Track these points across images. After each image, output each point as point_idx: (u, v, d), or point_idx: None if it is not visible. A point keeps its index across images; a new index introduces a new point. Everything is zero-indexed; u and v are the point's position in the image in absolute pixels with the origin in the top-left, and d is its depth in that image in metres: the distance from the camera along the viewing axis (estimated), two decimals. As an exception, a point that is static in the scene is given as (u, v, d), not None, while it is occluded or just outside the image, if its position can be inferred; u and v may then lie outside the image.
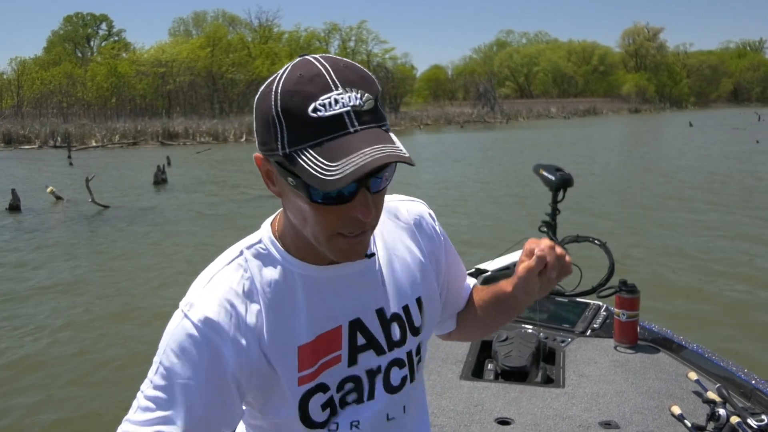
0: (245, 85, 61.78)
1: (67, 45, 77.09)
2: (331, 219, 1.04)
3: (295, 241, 1.16)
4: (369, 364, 1.22)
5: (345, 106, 0.97)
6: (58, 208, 15.55)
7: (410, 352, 1.28)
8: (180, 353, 1.09)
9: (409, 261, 1.30)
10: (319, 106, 0.97)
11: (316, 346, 1.16)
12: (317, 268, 1.17)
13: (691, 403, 2.53)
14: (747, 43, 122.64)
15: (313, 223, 1.05)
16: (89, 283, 8.95)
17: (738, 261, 9.18)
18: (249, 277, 1.15)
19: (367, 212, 1.02)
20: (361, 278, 1.22)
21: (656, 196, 15.01)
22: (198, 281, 1.16)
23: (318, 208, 1.03)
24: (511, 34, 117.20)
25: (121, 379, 5.49)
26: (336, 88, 0.98)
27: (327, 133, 0.97)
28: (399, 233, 1.32)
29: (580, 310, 3.46)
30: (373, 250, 1.25)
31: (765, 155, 24.03)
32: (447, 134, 46.52)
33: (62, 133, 40.08)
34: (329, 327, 1.17)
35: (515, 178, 18.87)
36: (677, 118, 60.41)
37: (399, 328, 1.26)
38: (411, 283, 1.29)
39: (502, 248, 4.22)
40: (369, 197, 1.02)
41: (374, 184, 1.03)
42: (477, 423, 2.43)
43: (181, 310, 1.12)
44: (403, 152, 0.98)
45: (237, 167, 25.18)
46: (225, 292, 1.12)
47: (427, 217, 1.37)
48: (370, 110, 1.00)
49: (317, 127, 0.97)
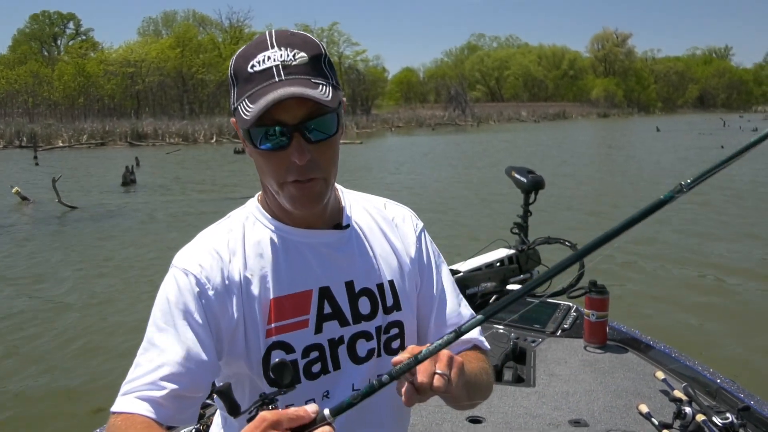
0: (216, 85, 61.30)
1: (34, 44, 75.64)
2: (275, 165, 1.17)
3: (274, 205, 1.28)
4: (332, 333, 1.28)
5: (275, 61, 1.13)
6: (24, 209, 15.28)
7: (380, 328, 1.32)
8: (170, 300, 1.19)
9: (387, 247, 1.37)
10: (255, 62, 1.14)
11: (287, 303, 1.24)
12: (296, 230, 1.28)
13: (659, 401, 2.57)
14: (713, 50, 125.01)
15: (266, 172, 1.19)
16: (56, 282, 8.79)
17: (708, 260, 9.36)
18: (235, 235, 1.28)
19: (301, 156, 1.14)
20: (337, 247, 1.30)
21: (626, 198, 15.23)
22: (189, 242, 1.29)
23: (263, 156, 1.17)
24: (483, 38, 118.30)
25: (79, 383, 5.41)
26: (272, 47, 1.15)
27: (258, 84, 1.12)
28: (381, 222, 1.39)
29: (551, 311, 3.49)
30: (349, 223, 1.33)
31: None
32: (418, 137, 46.63)
33: (28, 133, 39.46)
34: (301, 289, 1.26)
35: (487, 180, 18.99)
36: (645, 123, 61.32)
37: (369, 303, 1.31)
38: (386, 265, 1.35)
39: (474, 250, 4.24)
40: (303, 143, 1.14)
41: (314, 135, 1.15)
42: (448, 422, 2.45)
43: (172, 266, 1.24)
44: (312, 94, 1.10)
45: (207, 168, 24.98)
46: (212, 245, 1.25)
47: (410, 220, 1.43)
48: (301, 65, 1.14)
49: (252, 80, 1.14)
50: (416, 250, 1.40)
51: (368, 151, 32.41)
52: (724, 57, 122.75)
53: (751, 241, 10.64)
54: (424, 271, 1.40)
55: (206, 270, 1.21)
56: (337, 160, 1.23)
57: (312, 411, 0.93)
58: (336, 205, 1.34)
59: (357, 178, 18.66)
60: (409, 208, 1.47)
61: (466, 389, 1.21)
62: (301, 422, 0.91)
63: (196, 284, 1.20)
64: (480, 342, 1.44)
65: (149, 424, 1.10)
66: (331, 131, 1.18)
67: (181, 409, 1.15)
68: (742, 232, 11.38)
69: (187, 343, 1.16)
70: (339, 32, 77.65)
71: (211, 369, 1.19)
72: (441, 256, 1.47)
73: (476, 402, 1.35)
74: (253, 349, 1.23)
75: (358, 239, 1.34)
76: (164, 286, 1.23)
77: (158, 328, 1.18)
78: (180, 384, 1.14)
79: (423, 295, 1.40)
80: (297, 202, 1.19)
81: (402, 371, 0.96)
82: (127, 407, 1.12)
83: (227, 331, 1.22)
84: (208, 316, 1.19)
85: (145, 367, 1.15)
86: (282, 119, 1.13)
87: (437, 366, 1.04)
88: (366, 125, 56.17)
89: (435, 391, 1.04)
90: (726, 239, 10.79)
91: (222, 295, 1.21)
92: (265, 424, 0.90)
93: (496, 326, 3.34)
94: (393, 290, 1.35)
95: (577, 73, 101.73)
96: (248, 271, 1.24)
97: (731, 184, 16.62)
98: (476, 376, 1.30)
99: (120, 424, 1.10)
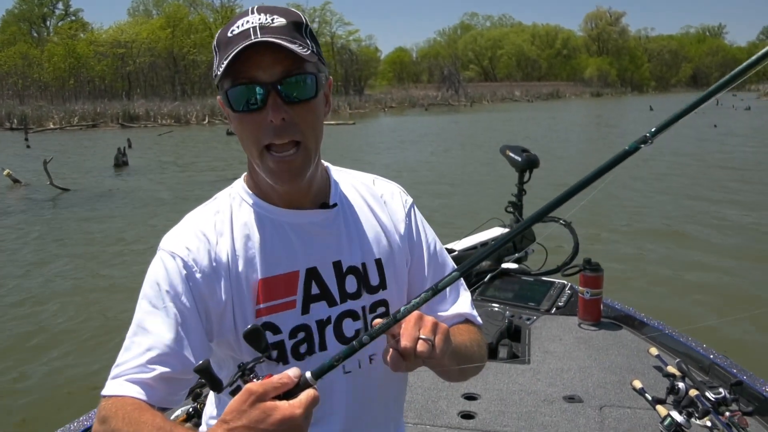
0: (207, 66, 60.58)
1: (23, 25, 74.63)
2: (252, 128, 1.16)
3: (260, 185, 1.28)
4: (320, 314, 1.28)
5: (253, 23, 1.14)
6: (16, 191, 15.20)
7: (365, 308, 1.33)
8: (158, 282, 1.20)
9: (376, 224, 1.36)
10: (234, 27, 1.15)
11: (274, 283, 1.24)
12: (283, 211, 1.27)
13: (652, 377, 2.60)
14: (706, 28, 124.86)
15: (244, 139, 1.19)
16: (49, 265, 8.77)
17: (701, 236, 9.42)
18: (221, 217, 1.27)
19: (276, 114, 1.13)
20: (324, 226, 1.29)
21: (620, 177, 15.24)
22: (177, 224, 1.29)
23: (241, 119, 1.17)
24: (475, 17, 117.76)
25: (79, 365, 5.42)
26: (252, 14, 1.16)
27: (235, 45, 1.12)
28: (370, 199, 1.38)
29: (546, 289, 3.51)
30: (336, 201, 1.32)
31: (722, 138, 24.56)
32: (411, 117, 46.46)
33: (18, 115, 39.13)
34: (288, 269, 1.26)
35: (481, 159, 18.97)
36: (638, 102, 61.25)
37: (356, 281, 1.31)
38: (374, 243, 1.34)
39: (469, 229, 4.25)
40: (279, 101, 1.14)
41: (290, 93, 1.14)
42: (444, 399, 2.47)
43: (159, 248, 1.24)
44: (287, 44, 1.11)
45: (199, 149, 24.87)
46: (199, 226, 1.25)
47: (399, 196, 1.42)
48: (279, 27, 1.14)
49: (231, 43, 1.13)
50: (405, 226, 1.39)
51: (361, 132, 32.30)
52: (718, 35, 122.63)
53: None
54: (414, 246, 1.40)
55: (193, 252, 1.22)
56: (318, 129, 1.21)
57: (294, 376, 0.95)
58: (323, 184, 1.33)
59: (350, 159, 18.61)
60: (398, 184, 1.46)
61: (455, 359, 1.22)
62: (285, 389, 0.94)
63: (184, 267, 1.20)
64: (473, 317, 1.44)
65: (139, 406, 1.10)
66: (309, 94, 1.17)
67: (172, 390, 1.17)
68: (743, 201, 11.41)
69: (175, 326, 1.17)
70: (331, 12, 77.31)
71: (200, 350, 1.19)
72: (432, 231, 1.46)
73: (469, 375, 1.37)
74: (242, 330, 1.22)
75: (345, 217, 1.33)
76: (152, 268, 1.23)
77: (146, 311, 1.19)
78: (169, 366, 1.15)
79: (414, 270, 1.40)
80: (277, 176, 1.19)
81: (381, 330, 0.98)
82: (117, 390, 1.13)
83: (216, 313, 1.22)
84: (196, 298, 1.20)
85: (134, 350, 1.16)
86: (256, 76, 1.13)
87: (421, 332, 1.05)
88: (359, 106, 55.91)
89: (419, 356, 1.03)
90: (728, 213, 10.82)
91: (210, 277, 1.21)
92: (252, 397, 0.92)
93: (491, 304, 3.36)
94: (380, 269, 1.34)
95: (570, 52, 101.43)
96: (235, 252, 1.24)
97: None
98: (466, 348, 1.31)
99: (110, 407, 1.11)
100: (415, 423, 2.32)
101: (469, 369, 1.33)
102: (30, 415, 4.78)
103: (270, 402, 0.92)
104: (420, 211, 1.46)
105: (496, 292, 3.51)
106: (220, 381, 1.00)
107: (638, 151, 0.95)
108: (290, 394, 0.94)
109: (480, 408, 2.42)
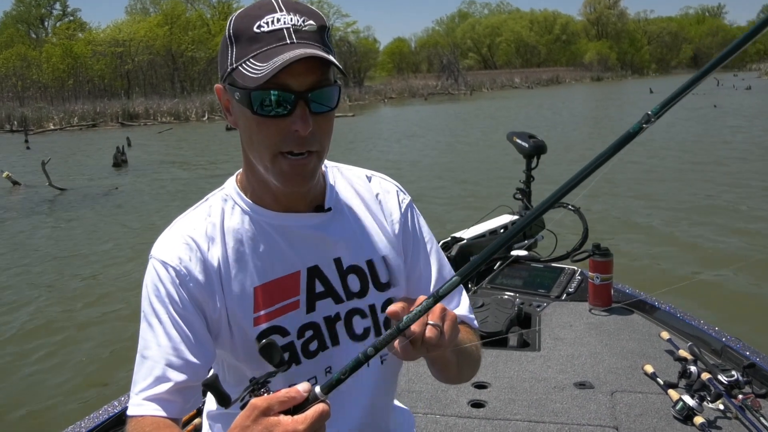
0: (206, 62, 60.61)
1: (20, 26, 74.56)
2: (272, 133, 1.12)
3: (254, 187, 1.25)
4: (327, 311, 1.27)
5: (286, 24, 1.10)
6: (15, 193, 15.20)
7: (373, 306, 1.31)
8: (155, 293, 1.19)
9: (372, 223, 1.34)
10: (263, 23, 1.10)
11: (273, 288, 1.22)
12: (276, 215, 1.24)
13: (664, 361, 2.58)
14: (706, 9, 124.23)
15: (258, 141, 1.13)
16: (47, 265, 8.79)
17: (707, 220, 9.36)
18: (212, 221, 1.24)
19: (304, 125, 1.10)
20: (319, 229, 1.27)
21: (626, 162, 15.17)
22: (167, 228, 1.26)
23: (261, 122, 1.12)
24: (473, 5, 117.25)
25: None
26: (280, 10, 1.11)
27: (267, 45, 1.09)
28: (366, 197, 1.36)
29: (555, 275, 3.50)
30: (331, 205, 1.29)
31: (723, 119, 24.48)
32: (412, 107, 46.32)
33: (18, 117, 39.08)
34: (287, 272, 1.24)
35: (486, 146, 18.91)
36: (638, 85, 60.96)
37: (359, 280, 1.30)
38: (375, 241, 1.32)
39: (477, 217, 4.23)
40: (307, 112, 1.10)
41: (317, 106, 1.11)
42: (454, 388, 2.45)
43: (150, 256, 1.22)
44: (328, 57, 1.08)
45: (199, 146, 24.82)
46: (189, 232, 1.22)
47: (395, 195, 1.39)
48: (311, 32, 1.11)
49: (260, 40, 1.10)
50: (401, 225, 1.37)
51: (362, 124, 32.22)
52: (717, 15, 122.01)
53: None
54: (409, 247, 1.38)
55: (185, 261, 1.20)
56: (331, 136, 1.20)
57: (304, 390, 0.92)
58: (318, 186, 1.30)
59: (350, 153, 18.58)
60: (395, 182, 1.43)
61: (456, 354, 1.22)
62: (293, 403, 0.91)
63: (176, 276, 1.20)
64: (470, 319, 1.43)
65: (157, 425, 1.13)
66: (333, 104, 1.15)
67: (187, 398, 1.18)
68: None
69: (179, 335, 1.17)
70: (328, 4, 76.85)
71: (208, 354, 1.20)
72: (430, 232, 1.44)
73: (464, 375, 1.36)
74: (239, 338, 1.23)
75: (342, 217, 1.31)
76: (146, 280, 1.22)
77: (149, 324, 1.19)
78: (181, 376, 1.16)
79: (408, 271, 1.38)
80: (288, 178, 1.16)
81: (385, 342, 0.96)
82: (137, 410, 1.15)
83: (212, 320, 1.22)
84: (193, 303, 1.20)
85: (146, 366, 1.17)
86: (289, 84, 1.09)
87: (430, 318, 1.03)
88: (359, 97, 55.75)
89: (427, 342, 1.01)
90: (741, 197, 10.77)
91: (202, 287, 1.20)
92: (256, 412, 0.90)
93: (501, 292, 3.34)
94: (388, 266, 1.33)
95: (569, 37, 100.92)
96: (228, 260, 1.22)
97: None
98: (467, 347, 1.30)
99: (131, 429, 1.15)
100: (425, 413, 2.31)
101: (467, 370, 1.34)
102: (37, 412, 4.78)
103: (273, 417, 0.89)
104: (425, 202, 1.43)
105: (506, 279, 3.49)
106: (228, 396, 0.98)
107: (642, 131, 0.93)
108: (300, 409, 0.92)
109: (490, 396, 2.40)
